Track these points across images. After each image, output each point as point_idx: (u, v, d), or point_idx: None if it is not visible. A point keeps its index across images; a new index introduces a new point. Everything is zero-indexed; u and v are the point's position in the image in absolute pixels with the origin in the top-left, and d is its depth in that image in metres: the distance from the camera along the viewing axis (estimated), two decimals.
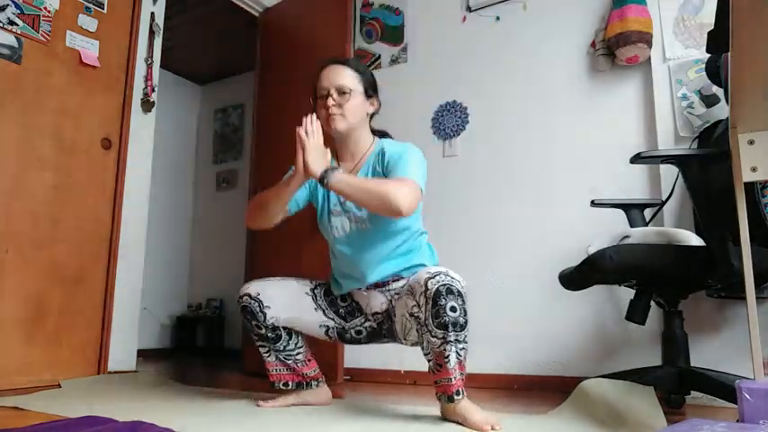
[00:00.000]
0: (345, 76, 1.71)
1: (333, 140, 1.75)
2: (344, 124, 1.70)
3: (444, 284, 1.47)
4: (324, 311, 1.79)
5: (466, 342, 1.50)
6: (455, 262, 2.80)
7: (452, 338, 1.46)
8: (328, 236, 1.80)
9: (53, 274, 2.38)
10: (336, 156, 1.79)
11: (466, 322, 1.48)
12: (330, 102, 1.68)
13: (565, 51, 2.69)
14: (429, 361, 1.55)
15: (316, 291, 1.82)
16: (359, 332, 1.79)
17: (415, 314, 1.51)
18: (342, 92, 1.69)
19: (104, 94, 2.63)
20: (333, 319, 1.79)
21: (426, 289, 1.47)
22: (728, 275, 1.54)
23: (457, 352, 1.46)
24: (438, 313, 1.45)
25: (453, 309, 1.46)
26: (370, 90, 1.76)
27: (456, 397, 1.47)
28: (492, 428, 1.40)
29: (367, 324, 1.78)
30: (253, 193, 3.26)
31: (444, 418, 1.53)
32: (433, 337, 1.47)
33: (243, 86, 4.98)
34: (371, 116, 1.82)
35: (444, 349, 1.46)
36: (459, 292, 1.48)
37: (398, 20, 3.22)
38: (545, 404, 1.91)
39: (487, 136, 2.85)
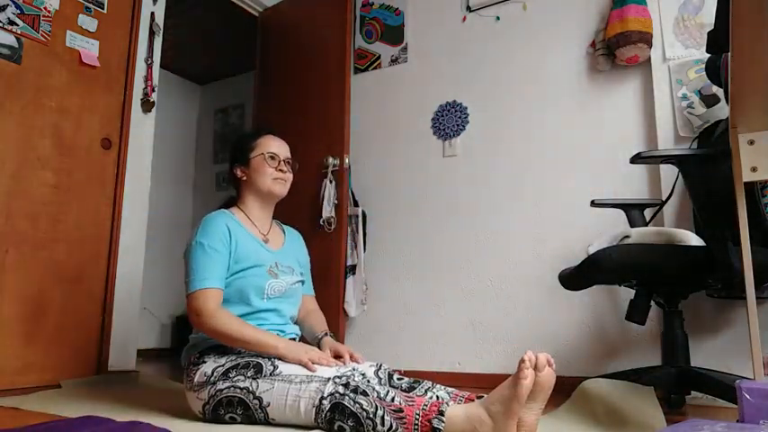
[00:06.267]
0: (289, 152, 1.83)
1: (261, 203, 1.78)
2: (286, 192, 1.80)
3: None
4: None
5: None
6: (455, 262, 2.82)
7: None
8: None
9: (53, 273, 2.37)
10: (247, 215, 1.76)
11: None
12: (285, 167, 1.77)
13: (565, 51, 2.69)
14: None
15: None
16: None
17: None
18: (289, 163, 1.80)
19: (104, 94, 2.63)
20: None
21: None
22: (728, 275, 1.54)
23: None
24: None
25: None
26: None
27: None
28: None
29: None
30: None
31: None
32: None
33: (243, 86, 4.97)
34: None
35: None
36: None
37: (398, 20, 3.22)
38: (545, 404, 1.90)
39: (487, 136, 2.85)
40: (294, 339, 1.69)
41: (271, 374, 1.43)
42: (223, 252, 1.59)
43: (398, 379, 1.51)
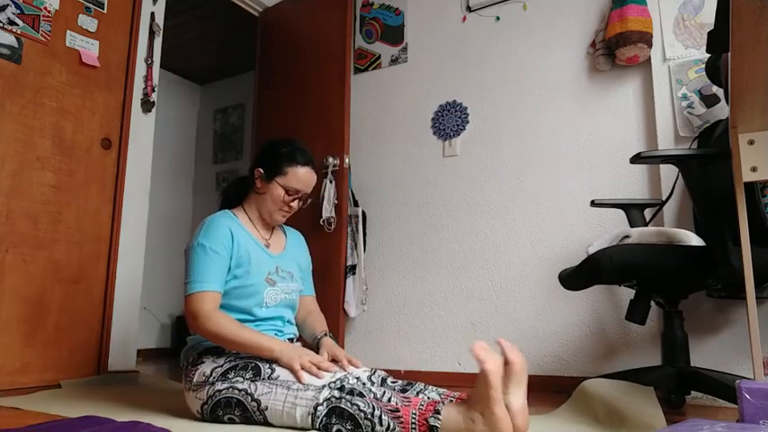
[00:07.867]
0: (312, 185, 1.73)
1: (262, 215, 1.73)
2: (284, 221, 1.76)
3: None
4: None
5: None
6: (455, 262, 2.82)
7: None
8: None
9: (53, 274, 2.37)
10: (249, 218, 1.73)
11: None
12: (296, 205, 1.71)
13: (565, 51, 2.69)
14: None
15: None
16: None
17: None
18: (304, 199, 1.73)
19: (104, 94, 2.63)
20: None
21: None
22: (728, 275, 1.54)
23: None
24: None
25: None
26: None
27: None
28: None
29: None
30: None
31: None
32: None
33: (243, 86, 4.97)
34: None
35: None
36: None
37: (398, 20, 3.22)
38: (545, 404, 1.90)
39: (487, 136, 2.85)
40: (291, 340, 1.69)
41: (269, 377, 1.43)
42: (224, 255, 1.57)
43: (392, 382, 1.52)
